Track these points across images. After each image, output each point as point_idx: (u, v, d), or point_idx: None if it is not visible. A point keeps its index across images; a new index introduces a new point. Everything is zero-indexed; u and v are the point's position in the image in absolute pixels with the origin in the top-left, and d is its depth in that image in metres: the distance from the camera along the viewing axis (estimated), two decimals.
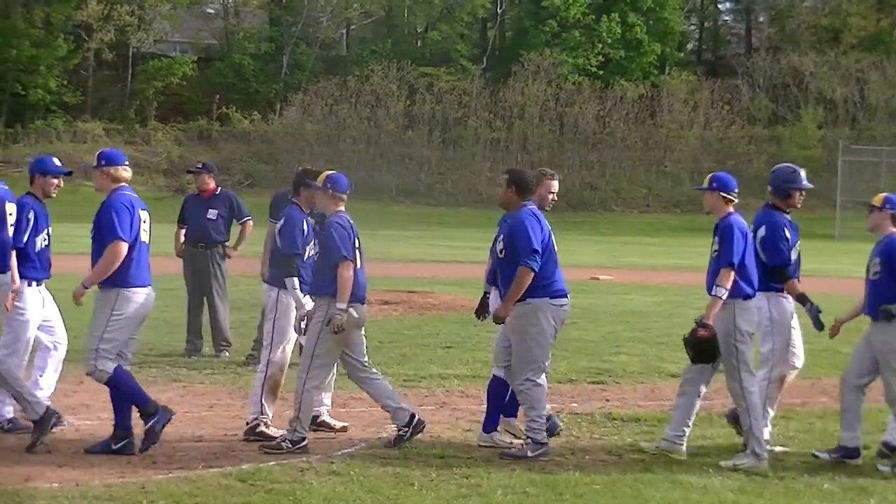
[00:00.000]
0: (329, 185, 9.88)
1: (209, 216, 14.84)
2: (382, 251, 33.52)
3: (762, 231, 9.99)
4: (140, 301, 9.50)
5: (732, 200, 9.88)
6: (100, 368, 9.46)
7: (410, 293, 21.97)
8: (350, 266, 9.58)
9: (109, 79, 71.58)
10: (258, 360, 14.27)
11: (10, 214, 9.68)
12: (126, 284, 9.44)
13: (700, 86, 70.75)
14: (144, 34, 69.33)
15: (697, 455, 9.76)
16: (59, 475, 8.63)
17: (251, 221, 14.89)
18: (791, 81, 70.41)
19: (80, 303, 9.44)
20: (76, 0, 67.48)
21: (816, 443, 10.39)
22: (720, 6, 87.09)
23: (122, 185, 9.67)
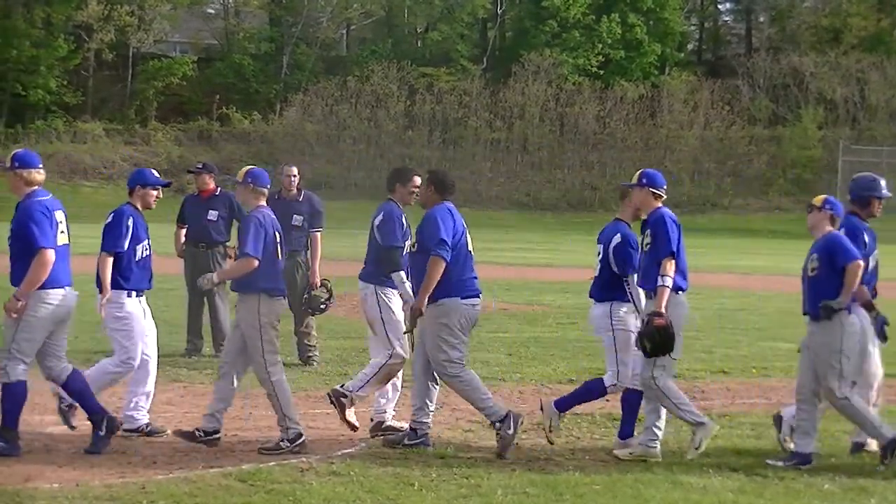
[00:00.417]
0: (250, 180, 9.93)
1: (209, 217, 14.83)
2: None
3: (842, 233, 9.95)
4: (55, 302, 9.35)
5: (661, 196, 10.04)
6: (7, 370, 9.28)
7: None
8: (252, 262, 9.59)
9: (109, 79, 71.59)
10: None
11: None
12: (39, 287, 9.26)
13: (700, 86, 70.76)
14: (144, 34, 69.35)
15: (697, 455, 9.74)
16: (60, 475, 8.62)
17: None
18: (791, 82, 70.43)
19: (16, 317, 9.22)
20: (76, 0, 67.49)
21: (816, 443, 10.38)
22: (720, 6, 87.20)
23: (37, 189, 9.50)
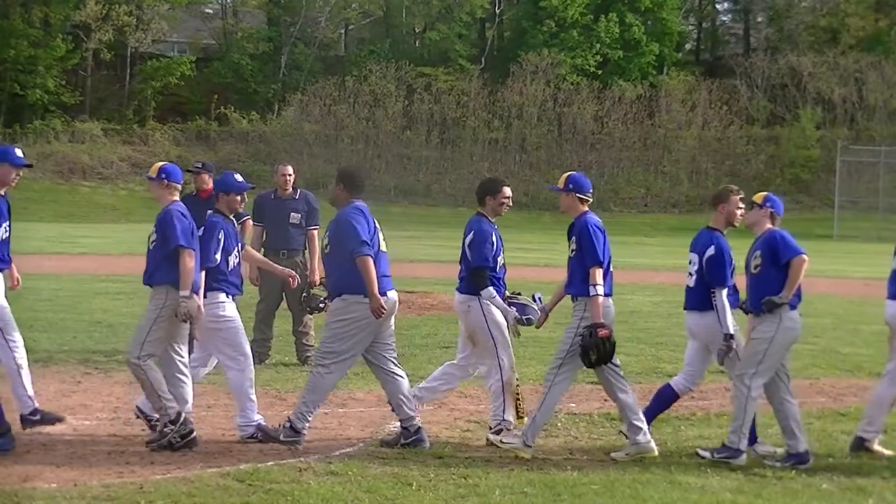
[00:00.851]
0: (164, 176, 9.92)
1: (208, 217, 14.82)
2: None
3: None
4: None
5: (588, 200, 10.02)
6: None
7: (409, 293, 21.96)
8: (192, 254, 9.60)
9: (108, 79, 71.56)
10: (256, 360, 14.30)
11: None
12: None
13: (698, 86, 70.75)
14: (143, 34, 69.29)
15: (696, 455, 9.75)
16: (58, 475, 8.62)
17: (250, 221, 14.86)
18: (789, 82, 70.44)
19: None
20: (74, 0, 67.47)
21: (815, 443, 10.40)
22: (718, 6, 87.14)
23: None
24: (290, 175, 14.70)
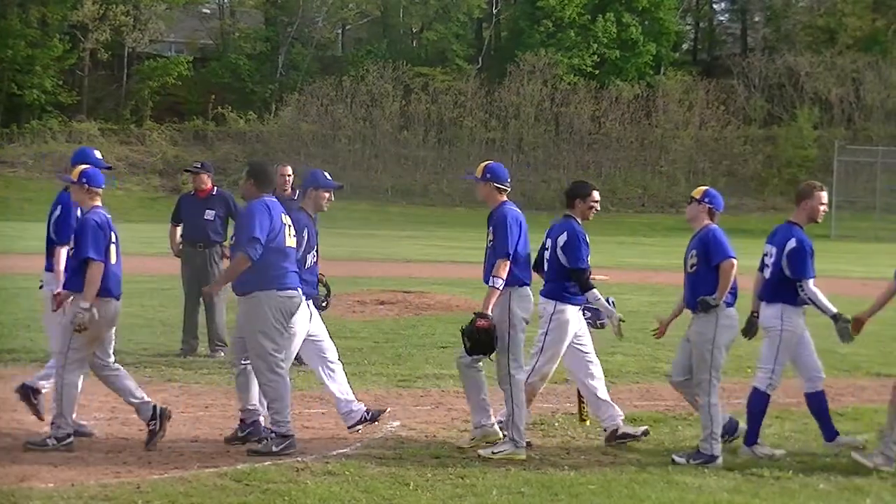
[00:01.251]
0: (84, 180, 9.83)
1: (206, 216, 14.81)
2: (378, 251, 33.49)
3: None
4: None
5: (505, 190, 9.98)
6: None
7: (406, 293, 21.94)
8: (100, 266, 9.45)
9: (105, 79, 71.57)
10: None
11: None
12: None
13: (695, 86, 70.81)
14: (140, 34, 69.29)
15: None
16: (55, 475, 8.62)
17: None
18: (787, 81, 70.50)
19: None
20: (72, 0, 67.44)
21: (812, 443, 10.40)
22: (716, 6, 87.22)
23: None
24: (290, 176, 14.67)
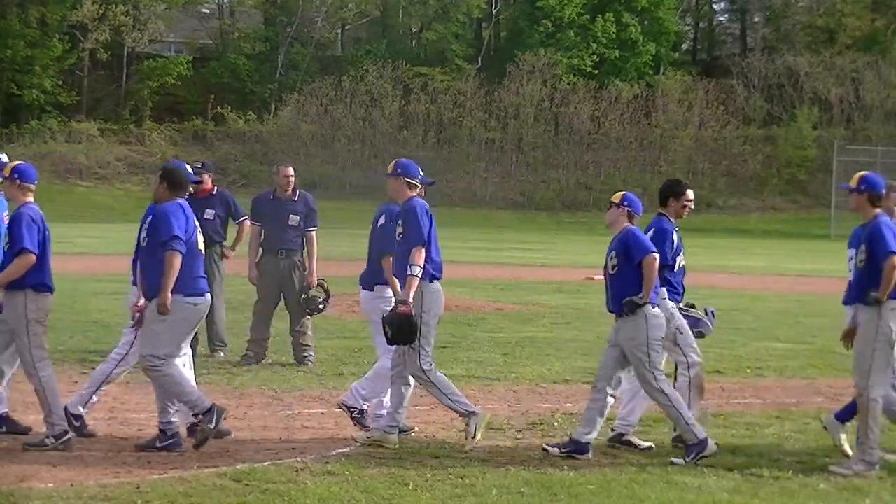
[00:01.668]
0: (16, 176, 9.74)
1: (206, 216, 14.76)
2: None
3: None
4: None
5: (416, 186, 10.06)
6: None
7: None
8: (32, 260, 9.43)
9: (104, 79, 71.56)
10: (253, 360, 14.29)
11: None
12: None
13: (695, 86, 70.79)
14: (139, 34, 69.28)
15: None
16: (54, 475, 8.61)
17: (248, 221, 14.86)
18: (786, 81, 70.50)
19: None
20: (71, 0, 67.45)
21: (811, 443, 10.40)
22: (715, 6, 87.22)
23: None
24: (292, 176, 14.67)
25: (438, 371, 10.09)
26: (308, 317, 14.39)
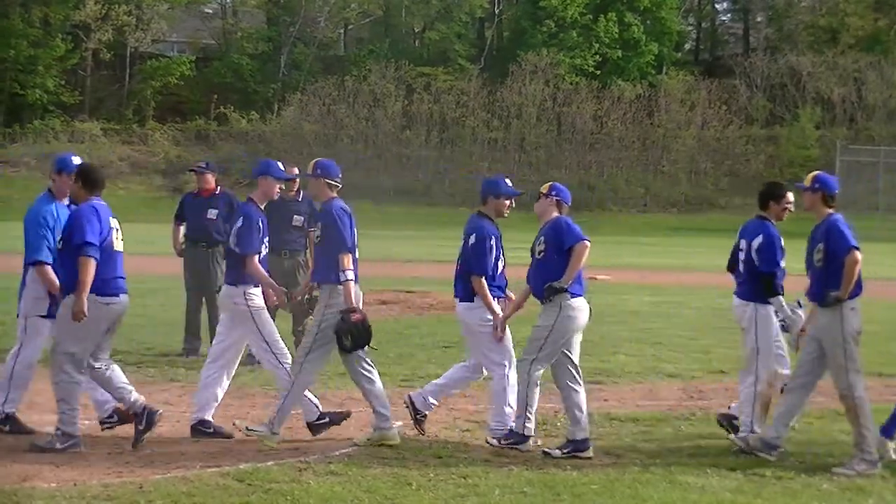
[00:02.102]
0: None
1: (209, 216, 14.78)
2: (380, 251, 33.47)
3: None
4: None
5: (336, 186, 10.09)
6: None
7: (408, 293, 21.94)
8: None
9: (107, 79, 71.61)
10: (255, 360, 14.27)
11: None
12: None
13: (697, 86, 70.82)
14: (142, 34, 69.38)
15: (695, 455, 9.75)
16: (57, 475, 8.62)
17: None
18: (789, 81, 70.50)
19: None
20: (74, 0, 67.49)
21: (814, 443, 10.39)
22: (718, 6, 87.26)
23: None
24: (298, 176, 14.63)
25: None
26: (310, 317, 14.35)
